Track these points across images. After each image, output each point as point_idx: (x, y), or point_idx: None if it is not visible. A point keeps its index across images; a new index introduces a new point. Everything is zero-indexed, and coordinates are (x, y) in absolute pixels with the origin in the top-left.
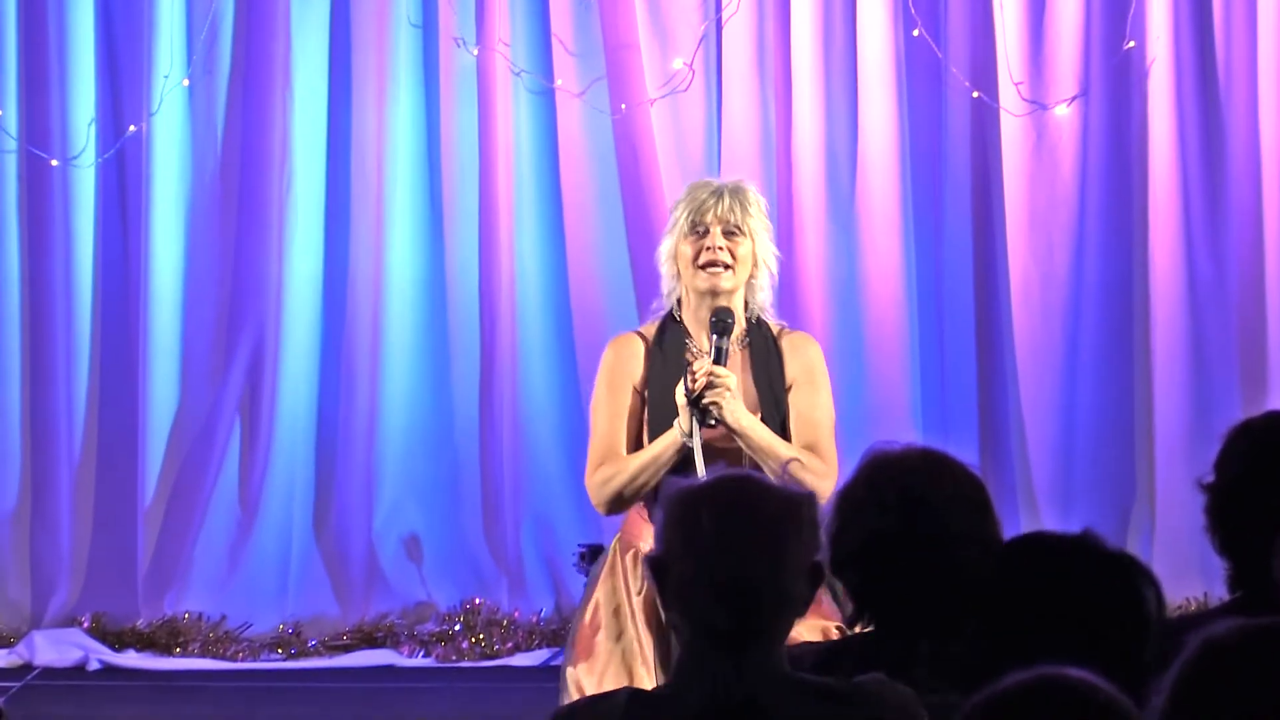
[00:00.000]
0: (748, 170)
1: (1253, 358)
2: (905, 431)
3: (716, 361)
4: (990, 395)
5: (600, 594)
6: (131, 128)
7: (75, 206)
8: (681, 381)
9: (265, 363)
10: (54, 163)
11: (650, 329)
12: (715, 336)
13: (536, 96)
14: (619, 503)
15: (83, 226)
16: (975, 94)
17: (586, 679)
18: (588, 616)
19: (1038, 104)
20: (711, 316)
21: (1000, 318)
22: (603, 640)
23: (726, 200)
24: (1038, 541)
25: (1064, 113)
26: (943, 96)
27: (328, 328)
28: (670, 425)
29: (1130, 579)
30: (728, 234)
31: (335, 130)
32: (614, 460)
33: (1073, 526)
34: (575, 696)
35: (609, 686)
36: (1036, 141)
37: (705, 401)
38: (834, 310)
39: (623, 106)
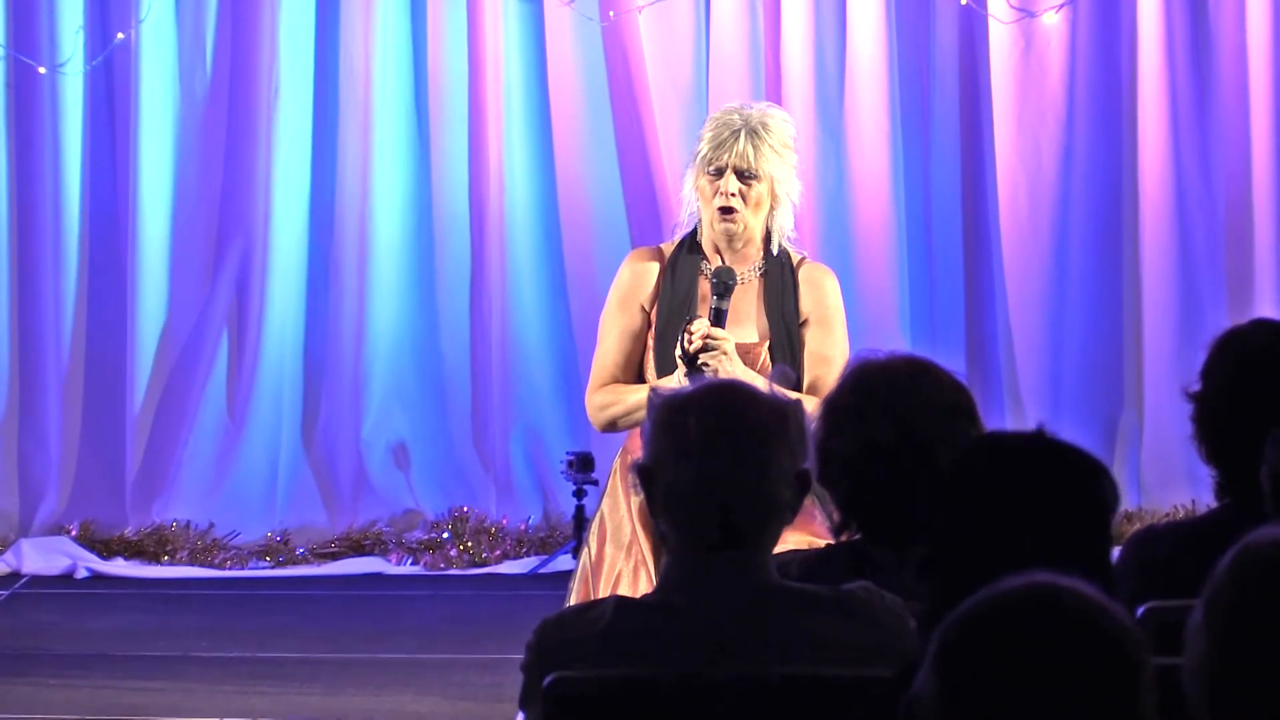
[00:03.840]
0: (735, 79)
1: (1239, 265)
2: (893, 340)
3: (715, 323)
4: (978, 304)
5: (605, 506)
6: (119, 35)
7: (63, 115)
8: (679, 340)
9: (253, 272)
10: (41, 70)
11: (669, 247)
12: (714, 298)
13: (525, 4)
14: (613, 428)
15: (70, 135)
16: (964, 1)
17: (595, 588)
18: (595, 527)
19: (1026, 11)
20: (712, 278)
21: (988, 226)
22: (609, 552)
23: (742, 143)
24: (991, 442)
25: (1052, 20)
26: (931, 3)
27: (315, 237)
28: (672, 350)
29: (1085, 469)
30: (742, 177)
31: (323, 39)
32: (615, 385)
33: (1060, 435)
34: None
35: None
36: (1025, 49)
37: (700, 363)
38: (822, 219)
39: (611, 14)
